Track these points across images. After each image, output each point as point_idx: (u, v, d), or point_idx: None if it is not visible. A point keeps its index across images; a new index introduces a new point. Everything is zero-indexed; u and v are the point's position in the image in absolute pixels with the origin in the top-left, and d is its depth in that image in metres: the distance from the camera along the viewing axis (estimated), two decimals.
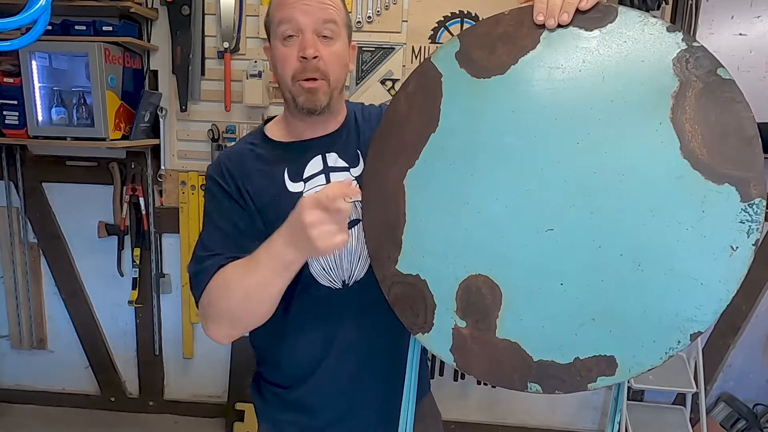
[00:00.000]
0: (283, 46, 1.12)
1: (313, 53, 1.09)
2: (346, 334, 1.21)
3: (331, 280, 1.18)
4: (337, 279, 1.18)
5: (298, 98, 1.14)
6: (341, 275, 1.18)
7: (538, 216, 0.91)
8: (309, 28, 1.10)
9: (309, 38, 1.10)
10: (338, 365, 1.22)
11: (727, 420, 2.97)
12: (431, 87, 1.00)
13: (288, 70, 1.12)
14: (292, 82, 1.13)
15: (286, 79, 1.14)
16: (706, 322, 0.80)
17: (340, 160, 1.20)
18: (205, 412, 3.26)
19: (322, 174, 1.18)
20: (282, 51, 1.13)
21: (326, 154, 1.20)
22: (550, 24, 0.90)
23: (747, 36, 2.63)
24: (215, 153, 2.83)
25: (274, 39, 1.15)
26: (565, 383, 0.89)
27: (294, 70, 1.12)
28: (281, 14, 1.11)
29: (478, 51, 0.96)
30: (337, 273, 1.18)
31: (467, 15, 2.67)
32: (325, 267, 1.18)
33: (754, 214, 0.78)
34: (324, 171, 1.19)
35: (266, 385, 1.32)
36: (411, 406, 1.14)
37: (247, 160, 1.20)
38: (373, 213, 1.06)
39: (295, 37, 1.11)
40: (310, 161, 1.19)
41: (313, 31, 1.10)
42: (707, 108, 0.81)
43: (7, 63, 2.67)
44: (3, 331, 3.24)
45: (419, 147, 1.01)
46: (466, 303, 0.96)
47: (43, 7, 1.02)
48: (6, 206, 3.08)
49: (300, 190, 1.17)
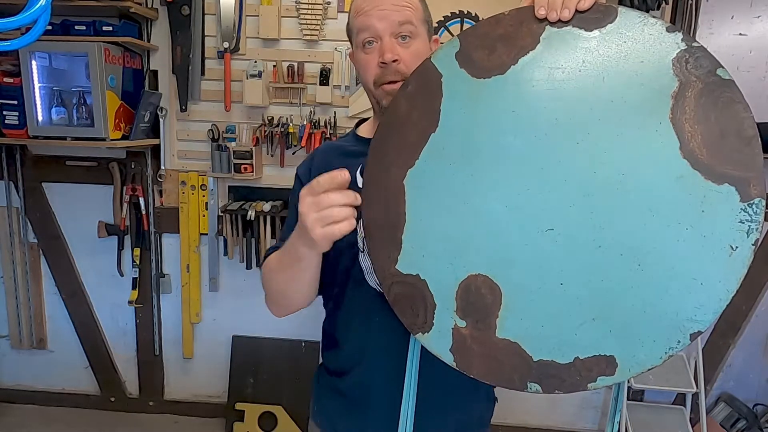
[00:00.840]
0: (364, 53, 1.16)
1: (392, 57, 1.11)
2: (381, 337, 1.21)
3: (376, 283, 1.18)
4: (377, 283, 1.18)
5: (382, 101, 1.16)
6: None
7: (538, 216, 0.91)
8: (386, 32, 1.12)
9: (387, 43, 1.12)
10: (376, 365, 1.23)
11: (727, 420, 2.97)
12: (431, 87, 1.00)
13: (370, 75, 1.16)
14: (374, 87, 1.16)
15: (369, 85, 1.17)
16: (706, 322, 0.80)
17: None
18: (205, 412, 3.26)
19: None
20: (363, 57, 1.16)
21: None
22: (551, 17, 0.90)
23: (747, 36, 2.64)
24: (215, 153, 2.83)
25: (355, 47, 1.18)
26: (565, 383, 0.89)
27: (375, 75, 1.15)
28: (359, 22, 1.14)
29: (478, 51, 0.96)
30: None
31: (467, 15, 2.67)
32: (366, 269, 1.19)
33: (753, 213, 0.78)
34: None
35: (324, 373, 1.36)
36: (411, 405, 1.14)
37: (332, 152, 1.26)
38: (373, 212, 1.05)
39: (375, 42, 1.14)
40: None
41: (390, 34, 1.12)
42: (707, 108, 0.81)
43: (7, 63, 2.67)
44: (3, 331, 3.24)
45: (419, 147, 1.01)
46: (466, 303, 0.96)
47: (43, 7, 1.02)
48: (6, 206, 3.08)
49: None
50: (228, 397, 3.18)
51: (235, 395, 3.15)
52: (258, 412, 3.08)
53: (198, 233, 3.03)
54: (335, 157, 1.24)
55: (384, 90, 1.15)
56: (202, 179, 2.96)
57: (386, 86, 1.14)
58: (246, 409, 3.09)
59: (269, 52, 2.79)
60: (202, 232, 3.04)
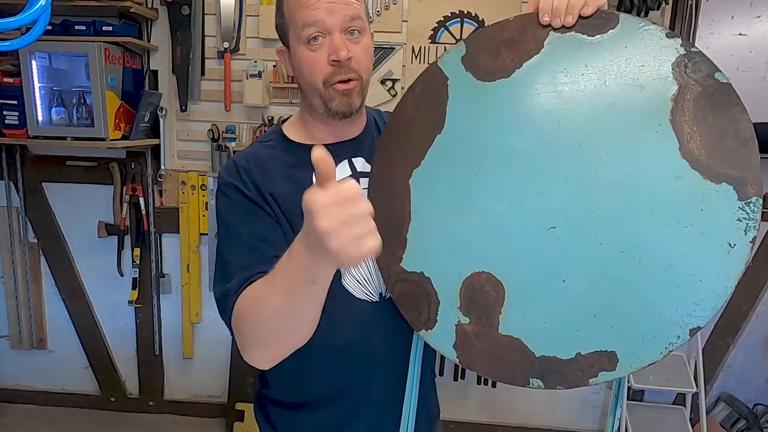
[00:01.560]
0: (309, 51, 1.04)
1: (347, 55, 1.02)
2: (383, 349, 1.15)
3: (368, 293, 1.12)
4: (374, 292, 1.13)
5: (332, 102, 1.07)
6: (378, 287, 1.13)
7: (541, 214, 0.93)
8: (337, 28, 1.02)
9: (339, 40, 1.03)
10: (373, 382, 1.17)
11: (727, 420, 2.98)
12: (438, 90, 1.03)
13: (318, 75, 1.05)
14: (324, 87, 1.06)
15: (316, 85, 1.06)
16: (704, 318, 0.82)
17: (368, 165, 1.14)
18: (205, 412, 3.26)
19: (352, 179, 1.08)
20: (308, 55, 1.05)
21: (353, 159, 1.14)
22: (555, 24, 0.93)
23: (747, 36, 2.64)
24: (215, 153, 2.83)
25: (295, 42, 1.07)
26: (567, 378, 0.90)
27: (325, 74, 1.05)
28: (303, 15, 1.02)
29: (483, 55, 0.99)
30: (374, 285, 1.13)
31: (467, 15, 2.68)
32: (360, 279, 1.11)
33: (751, 212, 0.80)
34: (354, 176, 1.14)
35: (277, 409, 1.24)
36: (413, 404, 1.14)
37: (267, 162, 1.12)
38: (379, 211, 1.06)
39: (322, 38, 1.03)
40: (337, 166, 1.10)
41: (340, 30, 1.03)
42: (705, 110, 0.84)
43: (7, 63, 2.67)
44: (3, 331, 3.23)
45: (425, 147, 1.03)
46: (470, 300, 0.98)
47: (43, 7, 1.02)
48: (6, 206, 3.08)
49: None
50: (228, 397, 3.19)
51: (235, 395, 3.15)
52: None
53: (198, 233, 3.03)
54: (277, 170, 1.11)
55: (336, 90, 1.05)
56: (202, 179, 2.96)
57: (338, 86, 1.05)
58: (246, 409, 3.09)
59: (269, 52, 2.80)
60: (202, 232, 3.03)
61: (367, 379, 1.17)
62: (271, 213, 1.07)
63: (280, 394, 1.23)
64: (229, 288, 0.99)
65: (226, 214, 1.08)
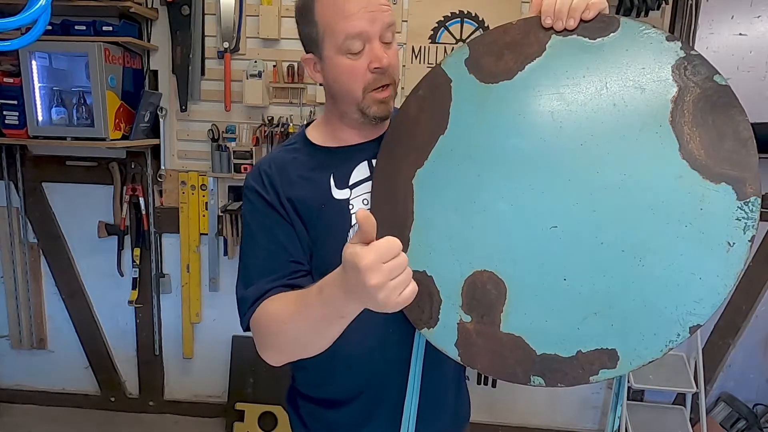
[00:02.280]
0: (347, 59, 1.05)
1: (388, 62, 1.05)
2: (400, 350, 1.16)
3: None
4: None
5: (369, 109, 1.08)
6: None
7: (543, 214, 0.94)
8: (376, 36, 1.03)
9: (379, 48, 1.04)
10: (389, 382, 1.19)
11: (727, 420, 2.98)
12: (441, 91, 1.04)
13: (358, 83, 1.06)
14: (362, 95, 1.07)
15: (355, 93, 1.07)
16: (704, 316, 0.83)
17: None
18: (205, 412, 3.27)
19: (369, 180, 1.14)
20: (349, 64, 1.05)
21: (372, 160, 1.15)
22: (557, 27, 0.94)
23: (747, 36, 2.65)
24: (215, 153, 2.83)
25: (332, 52, 1.06)
26: (568, 376, 0.91)
27: (366, 82, 1.06)
28: (347, 27, 1.01)
29: (486, 58, 1.00)
30: None
31: (467, 15, 2.69)
32: None
33: (749, 211, 0.81)
34: (372, 177, 1.14)
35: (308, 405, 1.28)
36: (414, 403, 1.14)
37: (288, 166, 1.14)
38: (382, 211, 1.09)
39: (360, 46, 1.04)
40: (357, 167, 1.14)
41: (379, 38, 1.04)
42: (705, 112, 0.85)
43: (7, 63, 2.68)
44: (3, 331, 3.24)
45: (428, 148, 1.04)
46: (472, 298, 0.98)
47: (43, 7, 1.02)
48: (6, 206, 3.08)
49: (346, 197, 1.13)
50: (228, 397, 3.19)
51: (235, 395, 3.15)
52: (258, 412, 3.08)
53: (198, 233, 3.04)
54: (297, 173, 1.14)
55: (374, 98, 1.07)
56: (202, 179, 2.97)
57: (376, 94, 1.07)
58: (246, 409, 3.10)
59: (269, 52, 2.80)
60: (202, 232, 3.04)
61: (385, 378, 1.19)
62: (288, 218, 1.11)
63: (307, 390, 1.28)
64: (246, 296, 1.07)
65: (249, 218, 1.14)
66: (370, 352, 1.17)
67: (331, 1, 1.03)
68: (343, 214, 1.12)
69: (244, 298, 1.09)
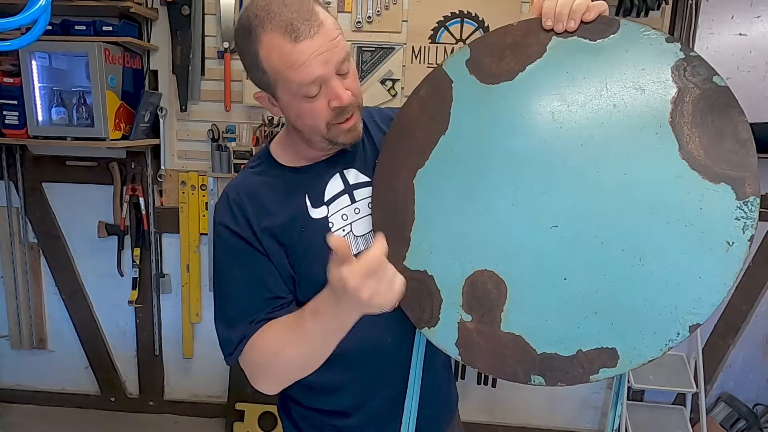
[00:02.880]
0: (307, 103, 1.00)
1: (349, 98, 1.01)
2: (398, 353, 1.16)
3: None
4: None
5: (338, 138, 1.06)
6: None
7: (543, 214, 0.94)
8: (332, 76, 0.98)
9: (337, 86, 0.99)
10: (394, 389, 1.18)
11: (727, 420, 2.98)
12: (442, 92, 1.05)
13: (320, 120, 1.02)
14: (327, 129, 1.04)
15: (319, 128, 1.04)
16: (704, 315, 0.84)
17: (362, 175, 1.14)
18: (205, 412, 3.27)
19: (345, 194, 1.13)
20: (308, 107, 1.01)
21: (344, 171, 1.14)
22: (558, 28, 0.95)
23: (747, 36, 2.65)
24: (215, 153, 2.83)
25: (288, 97, 1.02)
26: (568, 375, 0.92)
27: (328, 118, 1.02)
28: (299, 76, 0.96)
29: (487, 59, 1.01)
30: None
31: (467, 15, 2.69)
32: None
33: (749, 211, 0.82)
34: (347, 190, 1.13)
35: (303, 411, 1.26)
36: (414, 402, 1.15)
37: (260, 193, 1.10)
38: (383, 211, 1.09)
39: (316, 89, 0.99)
40: (329, 182, 1.12)
41: (334, 76, 0.99)
42: (704, 112, 0.86)
43: (7, 63, 2.67)
44: (3, 331, 3.23)
45: (429, 148, 1.05)
46: (472, 298, 0.99)
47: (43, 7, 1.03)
48: (6, 206, 3.08)
49: (324, 215, 1.10)
50: (228, 397, 3.19)
51: (235, 395, 3.15)
52: (258, 412, 3.08)
53: (198, 233, 3.04)
54: (271, 199, 1.10)
55: (340, 129, 1.04)
56: (202, 179, 2.97)
57: (341, 125, 1.04)
58: (246, 409, 3.10)
59: None
60: (202, 232, 3.04)
61: (384, 381, 1.19)
62: (264, 251, 1.08)
63: (303, 400, 1.25)
64: (231, 338, 1.07)
65: (222, 255, 1.11)
66: (366, 356, 1.16)
67: (277, 52, 0.96)
68: (324, 233, 1.03)
69: (228, 339, 1.07)
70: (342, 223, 1.12)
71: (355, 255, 1.07)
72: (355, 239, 1.12)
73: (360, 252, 1.08)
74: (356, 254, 1.07)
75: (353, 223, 1.13)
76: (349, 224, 1.12)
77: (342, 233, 1.11)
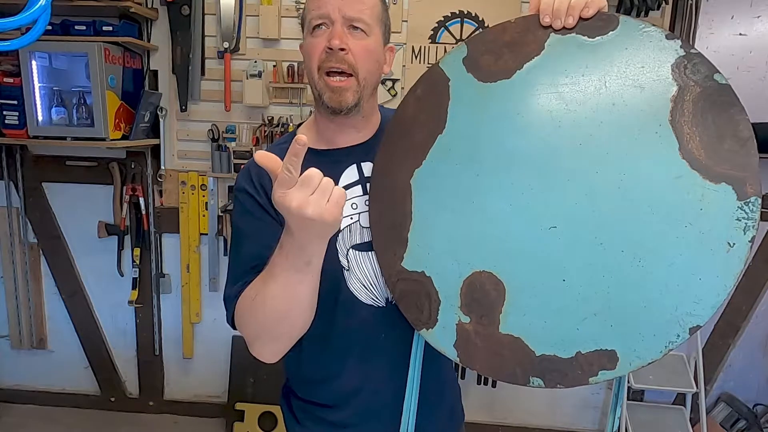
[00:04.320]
0: (311, 37, 1.08)
1: (340, 44, 1.03)
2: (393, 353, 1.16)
3: (374, 299, 1.14)
4: (380, 297, 1.14)
5: (323, 95, 1.08)
6: (384, 292, 1.14)
7: (542, 214, 0.93)
8: (339, 18, 1.04)
9: (338, 29, 1.04)
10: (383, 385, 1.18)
11: (727, 420, 2.98)
12: (439, 90, 1.04)
13: (314, 61, 1.07)
14: (318, 75, 1.07)
15: (313, 72, 1.09)
16: (704, 316, 0.83)
17: None
18: (205, 412, 3.27)
19: (358, 184, 1.14)
20: (309, 42, 1.08)
21: (361, 163, 1.15)
22: (556, 25, 0.94)
23: (747, 36, 2.65)
24: (215, 153, 2.83)
25: (306, 33, 1.10)
26: (567, 377, 0.91)
27: (319, 60, 1.06)
28: (314, 6, 1.06)
29: (485, 57, 1.00)
30: (380, 290, 1.14)
31: (467, 15, 2.69)
32: (366, 284, 1.13)
33: (750, 211, 0.81)
34: (360, 181, 1.14)
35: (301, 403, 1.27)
36: (414, 402, 1.14)
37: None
38: (380, 211, 1.08)
39: (325, 27, 1.06)
40: (345, 171, 1.14)
41: (343, 23, 1.05)
42: (705, 111, 0.84)
43: (7, 63, 2.68)
44: (3, 331, 3.24)
45: (426, 147, 1.04)
46: (470, 299, 0.98)
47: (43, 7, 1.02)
48: (6, 206, 3.08)
49: None
50: (228, 397, 3.19)
51: (235, 395, 3.15)
52: (258, 412, 3.08)
53: (198, 233, 3.04)
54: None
55: (326, 81, 1.07)
56: (202, 179, 2.96)
57: (329, 80, 1.06)
58: (246, 409, 3.10)
59: (269, 52, 2.80)
60: (202, 232, 3.04)
61: (379, 381, 1.19)
62: (278, 219, 1.09)
63: (301, 392, 1.27)
64: (230, 295, 1.08)
65: (238, 220, 1.14)
66: (361, 353, 1.17)
67: None
68: None
69: (228, 297, 1.09)
70: (351, 212, 1.13)
71: (359, 244, 1.13)
72: (360, 229, 1.14)
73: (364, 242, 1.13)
74: (359, 244, 1.13)
75: (362, 213, 1.14)
76: (358, 214, 1.14)
77: (350, 221, 1.13)
